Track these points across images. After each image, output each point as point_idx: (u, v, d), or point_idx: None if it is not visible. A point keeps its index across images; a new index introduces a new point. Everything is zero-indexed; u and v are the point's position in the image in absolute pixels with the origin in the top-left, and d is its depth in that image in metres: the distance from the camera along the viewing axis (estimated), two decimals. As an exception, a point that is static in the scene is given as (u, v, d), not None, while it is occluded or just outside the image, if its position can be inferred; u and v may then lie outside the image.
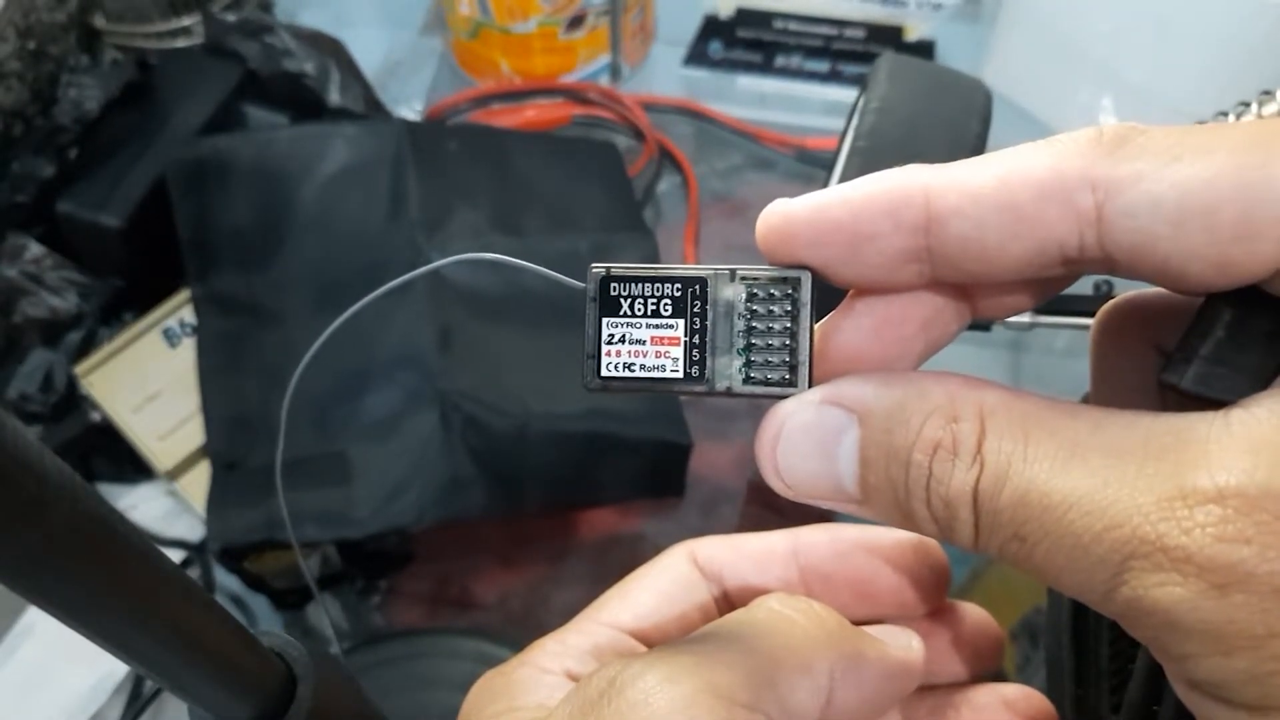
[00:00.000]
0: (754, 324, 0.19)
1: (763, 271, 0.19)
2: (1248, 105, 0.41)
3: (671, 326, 0.19)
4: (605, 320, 0.20)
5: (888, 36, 0.76)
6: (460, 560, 0.50)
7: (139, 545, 0.19)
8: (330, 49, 0.62)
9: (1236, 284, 0.16)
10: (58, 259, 0.55)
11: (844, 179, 0.40)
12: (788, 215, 0.19)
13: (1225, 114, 0.41)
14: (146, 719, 0.47)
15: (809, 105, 0.74)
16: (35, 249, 0.54)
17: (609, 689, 0.18)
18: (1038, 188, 0.17)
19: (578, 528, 0.51)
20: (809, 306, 0.18)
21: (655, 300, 0.19)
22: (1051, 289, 0.19)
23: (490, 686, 0.22)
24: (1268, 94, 0.40)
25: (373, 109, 0.62)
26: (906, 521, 0.18)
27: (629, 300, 0.19)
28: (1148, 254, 0.16)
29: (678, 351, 0.19)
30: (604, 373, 0.19)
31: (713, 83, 0.76)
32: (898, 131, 0.41)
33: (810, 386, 0.18)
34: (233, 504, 0.48)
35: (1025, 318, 0.43)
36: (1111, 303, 0.21)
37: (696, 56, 0.77)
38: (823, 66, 0.76)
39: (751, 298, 0.19)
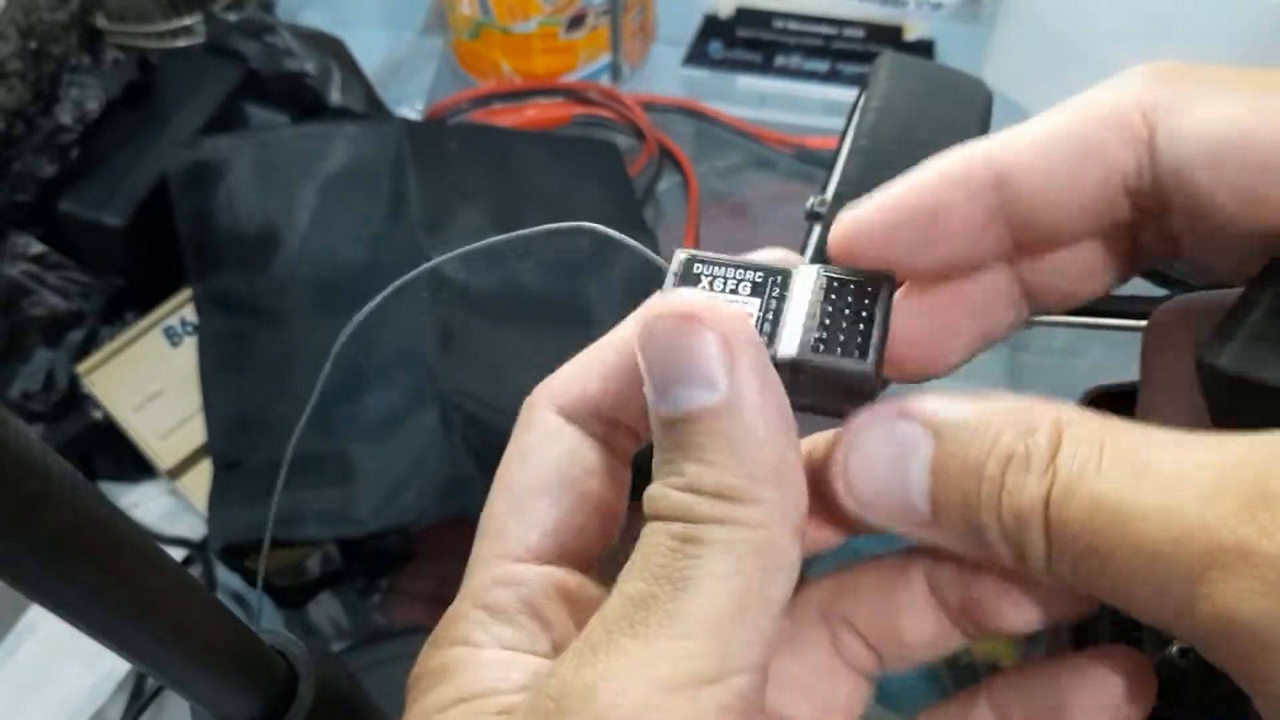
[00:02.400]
0: (829, 312, 0.18)
1: (848, 274, 0.19)
2: (1247, 105, 0.41)
3: (747, 305, 0.19)
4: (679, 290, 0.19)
5: (887, 36, 0.76)
6: (461, 559, 0.50)
7: (141, 544, 0.19)
8: (331, 49, 0.62)
9: (1264, 226, 0.16)
10: (59, 258, 0.55)
11: (844, 178, 0.40)
12: (857, 217, 0.19)
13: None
14: (148, 717, 0.47)
15: (809, 105, 0.74)
16: (37, 248, 0.54)
17: (563, 707, 0.16)
18: (1097, 118, 0.17)
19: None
20: (887, 304, 0.18)
21: (735, 281, 0.19)
22: (1109, 278, 0.19)
23: (428, 670, 0.19)
24: (1267, 94, 0.40)
25: (374, 109, 0.62)
26: (977, 542, 0.17)
27: (709, 279, 0.19)
28: (1187, 182, 0.16)
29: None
30: None
31: (713, 82, 0.76)
32: (898, 131, 0.41)
33: (877, 371, 0.18)
34: (234, 502, 0.48)
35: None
36: (1164, 305, 0.21)
37: (696, 56, 0.77)
38: (822, 66, 0.76)
39: (830, 293, 0.19)
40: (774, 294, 0.19)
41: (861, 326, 0.18)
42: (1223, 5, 0.58)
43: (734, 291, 0.19)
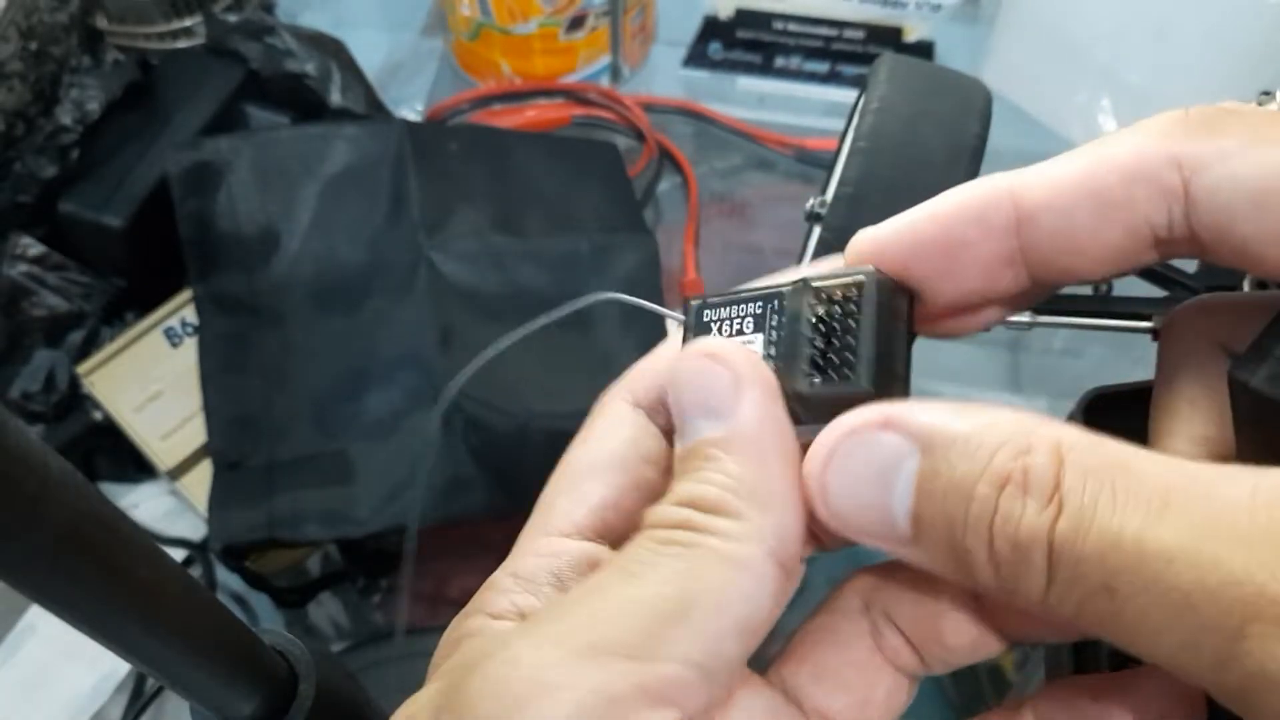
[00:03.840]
0: (823, 329, 0.18)
1: (831, 279, 0.19)
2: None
3: (752, 342, 0.19)
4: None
5: (887, 37, 0.76)
6: (461, 559, 0.51)
7: (141, 544, 0.19)
8: (332, 50, 0.62)
9: None
10: (60, 259, 0.55)
11: (844, 179, 0.40)
12: (876, 239, 0.19)
13: (1224, 115, 0.41)
14: (148, 717, 0.47)
15: (809, 106, 0.74)
16: (37, 249, 0.54)
17: (470, 667, 0.16)
18: (1124, 170, 0.17)
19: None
20: (872, 304, 0.18)
21: (739, 320, 0.20)
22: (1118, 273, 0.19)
23: (448, 639, 0.19)
24: (1267, 94, 0.40)
25: (374, 110, 0.62)
26: (959, 566, 0.16)
27: (718, 324, 0.20)
28: (1228, 234, 0.16)
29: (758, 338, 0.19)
30: None
31: (712, 83, 0.76)
32: (898, 132, 0.41)
33: (873, 385, 0.17)
34: (234, 503, 0.48)
35: (1025, 317, 0.43)
36: (1183, 305, 0.20)
37: (696, 57, 0.77)
38: (822, 67, 0.76)
39: (819, 304, 0.19)
40: (773, 323, 0.19)
41: (851, 340, 0.18)
42: (1223, 5, 0.58)
43: (740, 332, 0.19)
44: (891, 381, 0.18)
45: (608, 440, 0.20)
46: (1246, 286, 0.39)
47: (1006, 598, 0.15)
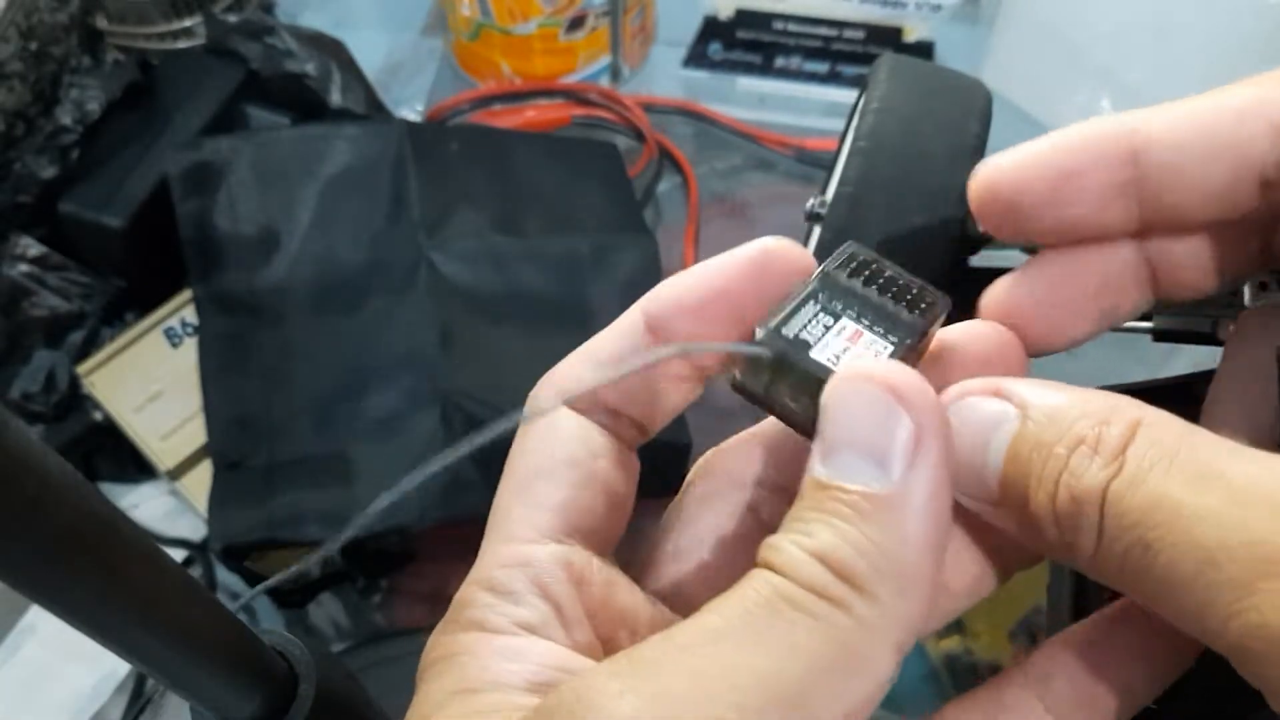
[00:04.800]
0: (878, 287, 0.19)
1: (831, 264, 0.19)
2: (1246, 106, 0.41)
3: (844, 330, 0.19)
4: (813, 354, 0.18)
5: (887, 37, 0.76)
6: (461, 559, 0.50)
7: (141, 544, 0.19)
8: (332, 50, 0.62)
9: None
10: (60, 259, 0.55)
11: (844, 180, 0.40)
12: (997, 166, 0.19)
13: (1224, 115, 0.41)
14: (148, 718, 0.47)
15: (809, 106, 0.74)
16: (38, 249, 0.54)
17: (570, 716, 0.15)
18: (1239, 110, 0.18)
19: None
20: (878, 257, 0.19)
21: (822, 317, 0.19)
22: (1235, 272, 0.20)
23: (437, 656, 0.18)
24: (1266, 95, 0.40)
25: (374, 110, 0.62)
26: (1027, 524, 0.17)
27: (807, 328, 0.19)
28: None
29: (875, 343, 0.19)
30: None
31: (712, 84, 0.76)
32: (898, 132, 0.41)
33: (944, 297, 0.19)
34: (234, 503, 0.48)
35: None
36: (1248, 310, 0.21)
37: (696, 58, 0.77)
38: (822, 68, 0.76)
39: (857, 275, 0.19)
40: (836, 309, 0.19)
41: (900, 280, 0.19)
42: (1223, 5, 0.58)
43: (830, 327, 0.19)
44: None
45: (552, 441, 0.20)
46: (1247, 292, 0.39)
47: (1064, 555, 0.16)
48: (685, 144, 0.71)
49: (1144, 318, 0.43)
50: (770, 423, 0.21)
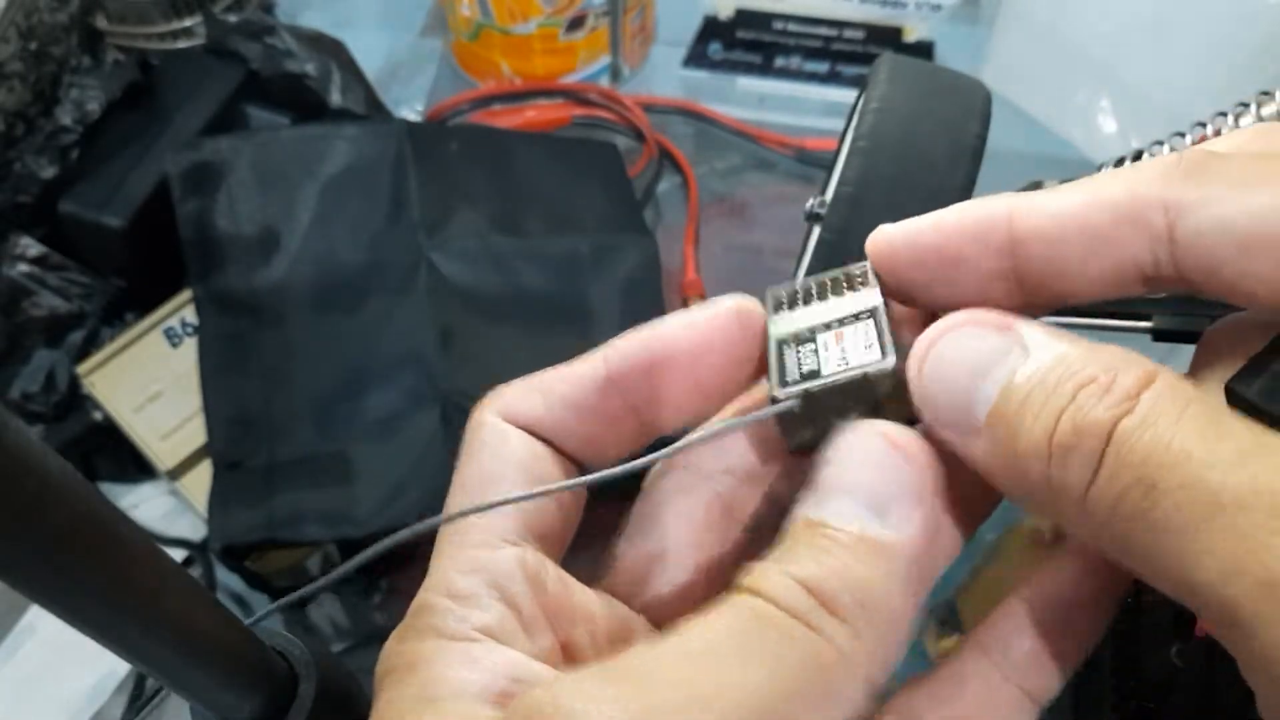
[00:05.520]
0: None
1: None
2: (1247, 106, 0.41)
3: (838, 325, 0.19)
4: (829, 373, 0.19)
5: (887, 37, 0.76)
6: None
7: (141, 544, 0.19)
8: (332, 50, 0.62)
9: None
10: (60, 259, 0.55)
11: (844, 179, 0.40)
12: (890, 239, 0.20)
13: (1224, 114, 0.41)
14: (147, 718, 0.47)
15: (808, 106, 0.74)
16: (37, 249, 0.54)
17: None
18: (1114, 209, 0.17)
19: (578, 526, 0.52)
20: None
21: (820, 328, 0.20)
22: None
23: (398, 663, 0.18)
24: (1267, 94, 0.40)
25: (374, 110, 0.62)
26: (1004, 458, 0.17)
27: (804, 362, 0.19)
28: (1216, 276, 0.16)
29: (858, 330, 0.19)
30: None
31: (712, 84, 0.76)
32: (898, 132, 0.41)
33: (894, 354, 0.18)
34: (234, 503, 0.49)
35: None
36: (1217, 324, 0.21)
37: (696, 58, 0.77)
38: (822, 67, 0.76)
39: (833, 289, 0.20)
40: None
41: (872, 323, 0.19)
42: (1223, 5, 0.58)
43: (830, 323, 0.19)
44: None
45: (501, 451, 0.20)
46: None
47: (1042, 493, 0.16)
48: (685, 144, 0.71)
49: (1144, 317, 0.43)
50: (730, 414, 0.22)
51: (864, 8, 0.76)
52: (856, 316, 0.19)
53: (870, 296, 0.19)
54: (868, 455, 0.17)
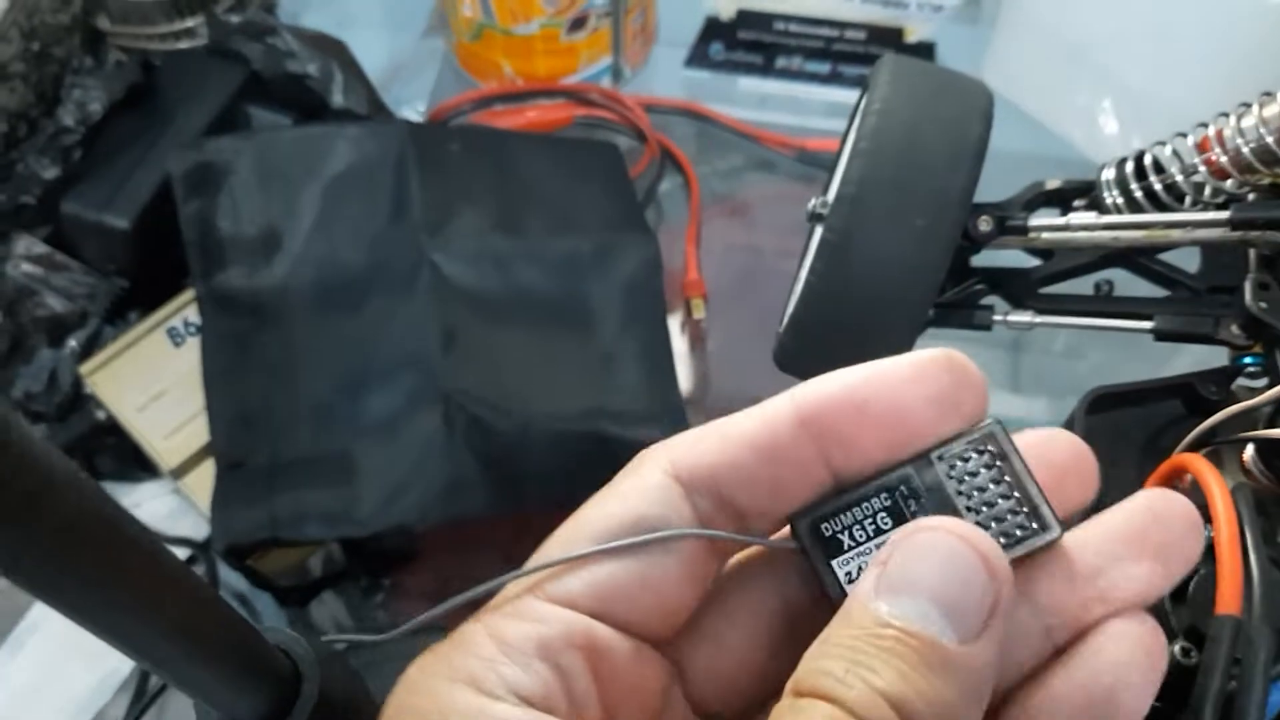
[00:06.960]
0: (972, 492, 0.18)
1: (955, 445, 0.19)
2: (1248, 106, 0.41)
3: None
4: (835, 563, 0.19)
5: (888, 38, 0.76)
6: (463, 558, 0.51)
7: (144, 543, 0.19)
8: (333, 51, 0.62)
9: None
10: (63, 259, 0.55)
11: (845, 180, 0.40)
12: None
13: (1226, 115, 0.42)
14: (151, 716, 0.47)
15: (810, 107, 0.75)
16: (40, 249, 0.55)
17: None
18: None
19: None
20: (1015, 451, 0.18)
21: (871, 519, 0.18)
22: None
23: (419, 703, 0.17)
24: (1268, 95, 0.40)
25: (376, 110, 0.62)
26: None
27: (846, 532, 0.19)
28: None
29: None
30: None
31: (714, 84, 0.76)
32: (899, 133, 0.41)
33: (1060, 526, 0.18)
34: (237, 502, 0.49)
35: (1025, 318, 0.43)
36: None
37: (698, 58, 0.77)
38: (824, 68, 0.76)
39: (954, 469, 0.18)
40: (911, 509, 0.18)
41: (1014, 492, 0.18)
42: (1223, 6, 0.58)
43: (880, 531, 0.18)
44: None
45: (631, 505, 0.19)
46: (1248, 288, 0.40)
47: None
48: (687, 144, 0.71)
49: (1145, 317, 0.43)
50: None
51: (865, 9, 0.76)
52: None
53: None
54: (946, 555, 0.17)
